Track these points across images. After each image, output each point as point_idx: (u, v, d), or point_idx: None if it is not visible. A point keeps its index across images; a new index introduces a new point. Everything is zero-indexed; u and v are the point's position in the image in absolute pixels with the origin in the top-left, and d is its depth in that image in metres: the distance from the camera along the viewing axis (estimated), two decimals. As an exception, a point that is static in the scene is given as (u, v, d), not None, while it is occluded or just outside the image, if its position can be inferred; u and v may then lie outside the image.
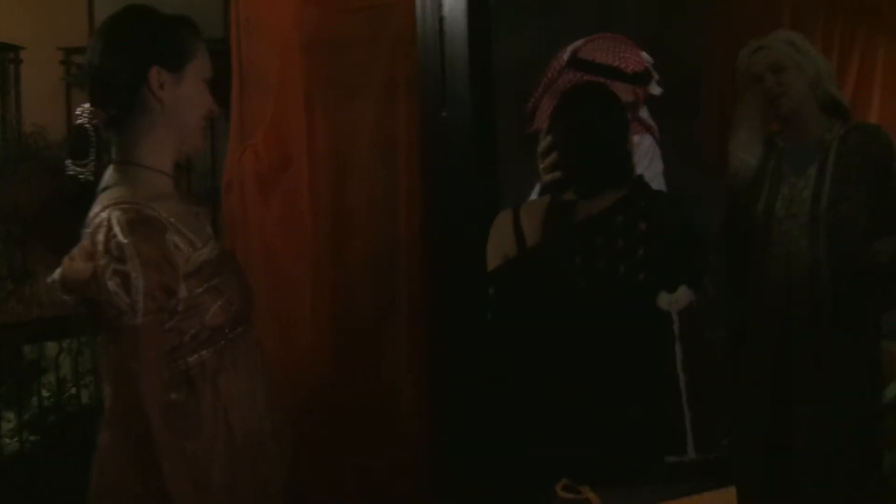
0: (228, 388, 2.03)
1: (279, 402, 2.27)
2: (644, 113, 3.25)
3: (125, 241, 1.81)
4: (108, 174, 1.99)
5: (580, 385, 2.47)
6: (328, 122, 3.23)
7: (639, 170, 2.89)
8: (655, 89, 3.22)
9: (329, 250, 3.24)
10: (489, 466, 2.67)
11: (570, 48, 3.08)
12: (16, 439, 3.86)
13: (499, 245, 2.68)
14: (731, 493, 2.01)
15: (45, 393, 4.07)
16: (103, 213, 1.86)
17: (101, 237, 1.83)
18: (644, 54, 3.15)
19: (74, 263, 1.87)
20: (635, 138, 3.01)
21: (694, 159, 4.87)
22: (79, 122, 2.04)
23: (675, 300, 2.44)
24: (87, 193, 1.99)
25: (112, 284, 1.80)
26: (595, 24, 3.20)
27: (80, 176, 2.04)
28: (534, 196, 2.93)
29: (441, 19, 2.81)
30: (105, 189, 1.95)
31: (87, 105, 2.03)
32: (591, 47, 3.10)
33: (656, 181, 3.10)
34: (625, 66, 3.09)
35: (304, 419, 3.15)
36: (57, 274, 1.90)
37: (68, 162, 2.05)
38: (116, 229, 1.82)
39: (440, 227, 2.98)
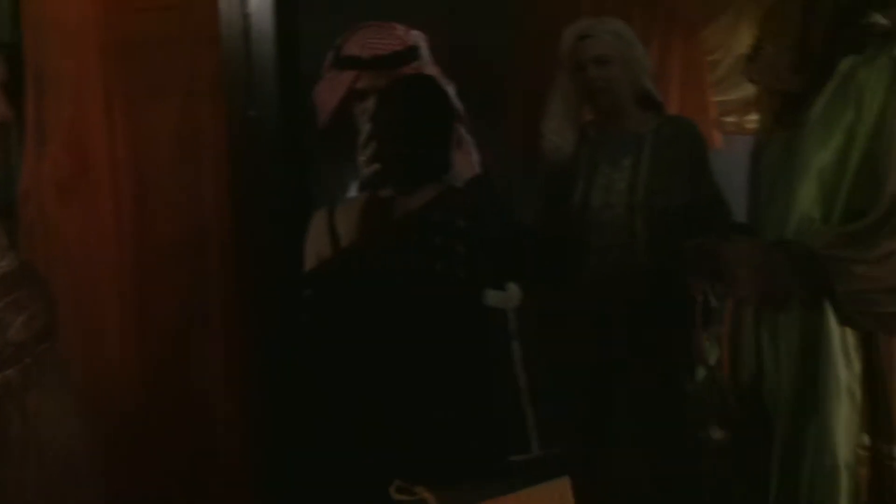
0: (37, 408, 1.92)
1: (90, 419, 2.17)
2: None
3: None
4: None
5: (402, 388, 2.42)
6: (130, 125, 3.10)
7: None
8: (431, 69, 3.16)
9: (134, 258, 3.12)
10: (314, 473, 2.61)
11: (337, 46, 3.03)
12: None
13: (314, 245, 2.63)
14: (565, 482, 2.01)
15: None
16: None
17: None
18: (414, 32, 3.09)
19: None
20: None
21: (502, 160, 4.94)
22: None
23: (507, 298, 2.46)
24: None
25: None
26: (403, 19, 3.17)
27: None
28: (352, 194, 2.89)
29: (246, 16, 2.73)
30: None
31: None
32: (348, 43, 3.02)
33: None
34: (365, 54, 3.00)
35: (118, 435, 3.02)
36: None
37: None
38: None
39: (248, 229, 2.90)
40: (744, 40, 5.00)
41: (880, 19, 2.29)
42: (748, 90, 5.15)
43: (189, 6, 3.01)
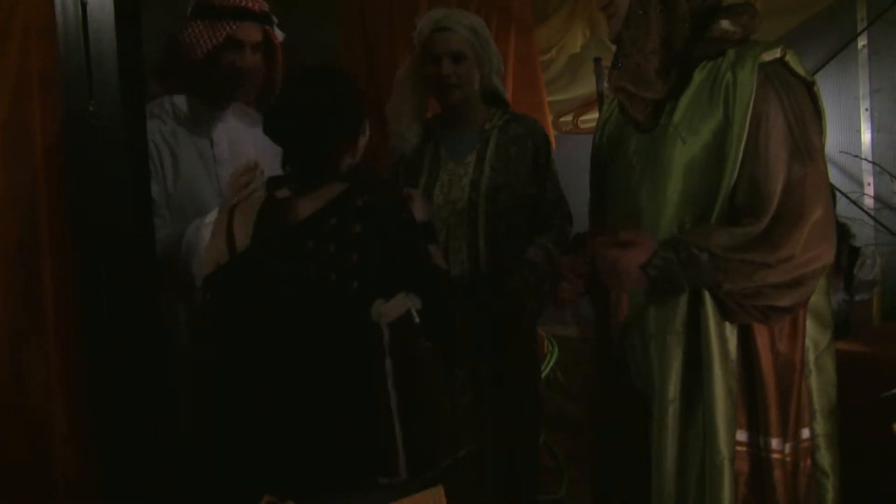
0: None
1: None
2: None
3: None
4: None
5: (283, 400, 2.35)
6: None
7: None
8: (279, 34, 3.18)
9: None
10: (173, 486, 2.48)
11: (192, 2, 3.04)
12: None
13: (212, 246, 2.54)
14: (439, 490, 1.95)
15: None
16: None
17: None
18: None
19: None
20: None
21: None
22: None
23: (385, 311, 2.32)
24: None
25: None
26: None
27: None
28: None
29: (84, 5, 2.57)
30: None
31: None
32: None
33: None
34: (252, 5, 3.06)
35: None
36: None
37: None
38: None
39: (90, 228, 2.74)
40: (577, 40, 5.12)
41: (729, 26, 2.39)
42: (582, 90, 5.27)
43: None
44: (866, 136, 5.49)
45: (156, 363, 2.71)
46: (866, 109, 5.47)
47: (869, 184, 5.48)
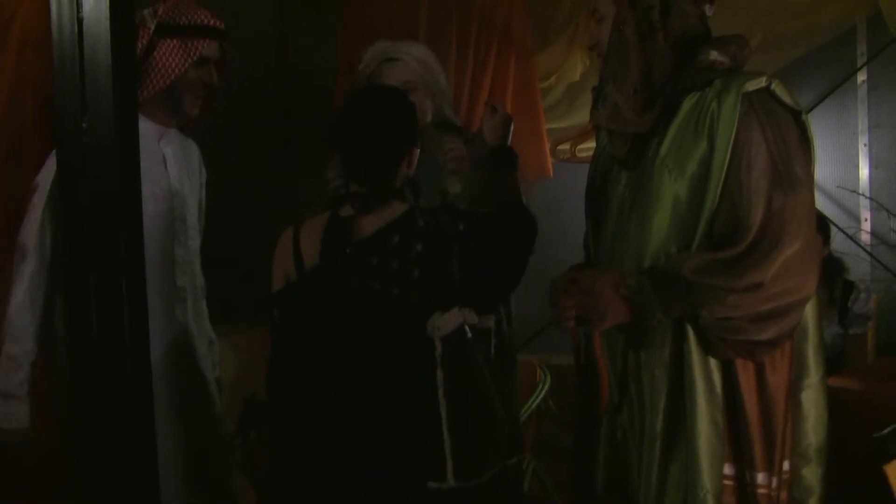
0: None
1: None
2: None
3: None
4: None
5: (347, 408, 2.50)
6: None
7: None
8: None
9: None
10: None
11: (151, 18, 2.95)
12: None
13: (280, 266, 2.64)
14: None
15: None
16: None
17: None
18: None
19: None
20: None
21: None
22: None
23: (438, 325, 2.44)
24: None
25: None
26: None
27: None
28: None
29: (80, 21, 2.54)
30: None
31: None
32: (173, 10, 2.97)
33: None
34: (215, 23, 3.03)
35: None
36: None
37: None
38: None
39: (84, 247, 2.70)
40: (577, 68, 5.11)
41: (718, 56, 2.37)
42: (580, 118, 5.25)
43: (15, 8, 2.82)
44: (864, 172, 5.49)
45: (142, 386, 2.68)
46: (865, 145, 5.46)
47: (866, 219, 5.47)
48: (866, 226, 5.47)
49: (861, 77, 5.42)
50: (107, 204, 2.64)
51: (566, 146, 5.27)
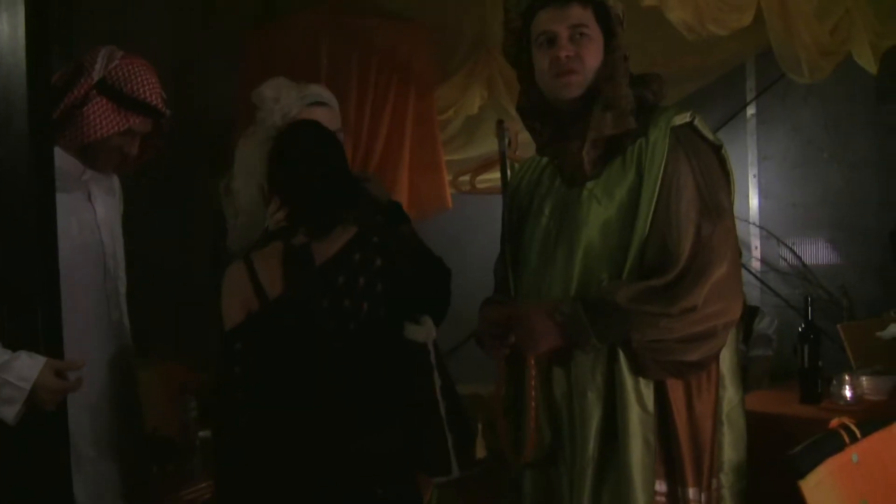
0: None
1: None
2: None
3: None
4: None
5: (333, 423, 2.54)
6: None
7: None
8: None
9: None
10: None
11: (97, 68, 2.86)
12: None
13: (237, 300, 2.62)
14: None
15: None
16: None
17: None
18: None
19: None
20: None
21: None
22: None
23: (425, 331, 2.64)
24: None
25: None
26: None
27: None
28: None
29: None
30: None
31: None
32: (121, 74, 2.88)
33: None
34: (159, 103, 2.93)
35: None
36: None
37: None
38: None
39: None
40: (475, 101, 5.12)
41: (646, 93, 2.48)
42: (479, 150, 5.29)
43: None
44: (754, 202, 5.65)
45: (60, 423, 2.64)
46: (754, 176, 5.63)
47: (756, 247, 5.63)
48: (756, 253, 5.62)
49: (750, 111, 5.59)
50: (22, 243, 2.57)
51: (467, 177, 5.29)
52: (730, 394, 2.47)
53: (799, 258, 5.40)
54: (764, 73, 5.48)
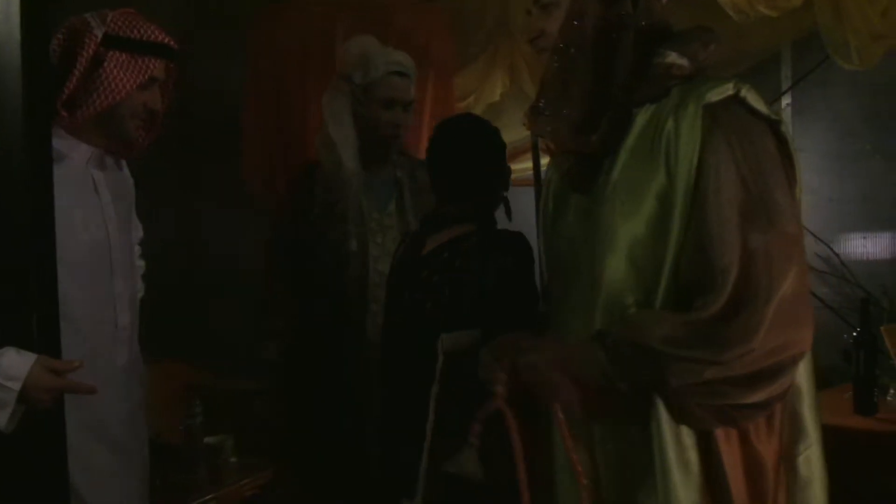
0: None
1: None
2: None
3: None
4: None
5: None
6: None
7: None
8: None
9: None
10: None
11: (96, 25, 2.65)
12: None
13: None
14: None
15: None
16: None
17: None
18: None
19: None
20: None
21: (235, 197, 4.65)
22: None
23: (444, 339, 2.42)
24: None
25: None
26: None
27: None
28: None
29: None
30: None
31: None
32: (123, 21, 2.70)
33: None
34: (168, 41, 2.77)
35: None
36: None
37: None
38: None
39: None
40: (496, 88, 4.99)
41: (677, 59, 1.94)
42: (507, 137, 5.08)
43: None
44: (789, 197, 5.40)
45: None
46: (791, 170, 5.38)
47: (794, 247, 5.38)
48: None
49: (785, 101, 5.36)
50: (16, 222, 2.36)
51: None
52: (805, 436, 1.94)
53: (837, 256, 5.14)
54: (800, 62, 5.24)
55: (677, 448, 1.84)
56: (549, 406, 1.96)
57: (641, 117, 1.92)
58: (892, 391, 3.42)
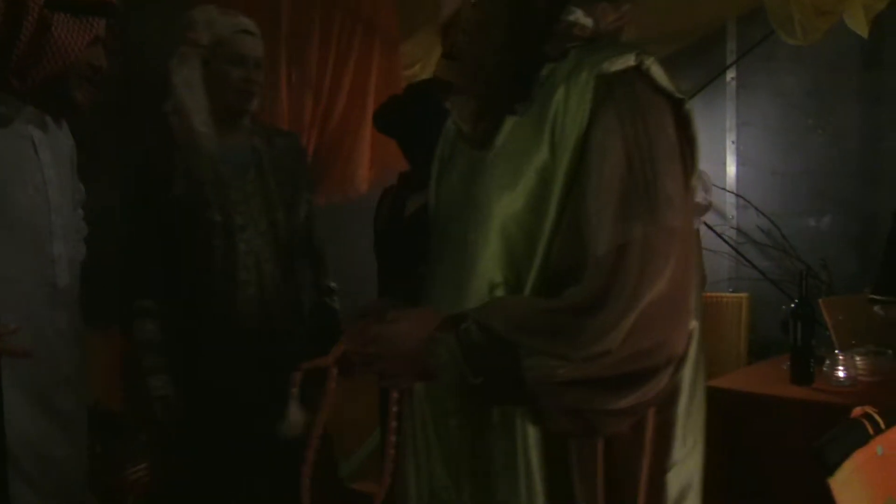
0: None
1: None
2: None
3: None
4: None
5: None
6: None
7: None
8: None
9: None
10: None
11: None
12: None
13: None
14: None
15: None
16: None
17: None
18: None
19: None
20: None
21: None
22: None
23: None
24: None
25: None
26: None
27: None
28: None
29: None
30: None
31: None
32: None
33: None
34: None
35: None
36: None
37: None
38: None
39: None
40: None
41: (581, 17, 1.70)
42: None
43: None
44: (731, 169, 5.46)
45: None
46: (733, 142, 5.44)
47: (733, 217, 5.44)
48: (733, 223, 5.44)
49: (730, 74, 5.39)
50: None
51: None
52: (674, 448, 1.69)
53: (778, 229, 5.20)
54: (745, 36, 5.29)
55: (525, 466, 1.65)
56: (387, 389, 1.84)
57: (544, 73, 1.70)
58: (827, 362, 3.45)
